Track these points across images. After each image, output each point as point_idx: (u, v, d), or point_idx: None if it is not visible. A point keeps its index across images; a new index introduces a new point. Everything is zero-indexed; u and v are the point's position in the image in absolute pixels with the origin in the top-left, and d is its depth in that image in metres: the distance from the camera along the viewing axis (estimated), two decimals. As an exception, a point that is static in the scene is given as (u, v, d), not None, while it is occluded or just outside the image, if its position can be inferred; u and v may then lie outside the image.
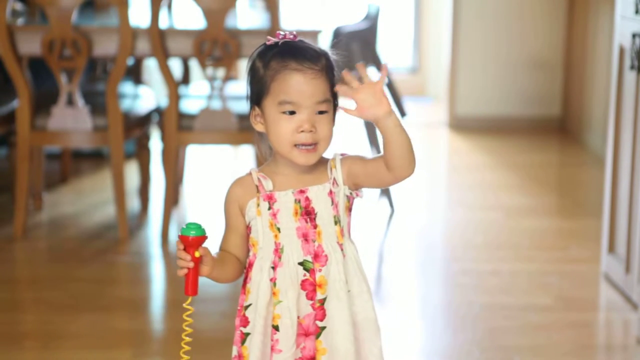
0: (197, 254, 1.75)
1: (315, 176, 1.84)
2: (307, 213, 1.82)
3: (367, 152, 4.81)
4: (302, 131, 1.77)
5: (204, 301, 3.37)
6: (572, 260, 3.90)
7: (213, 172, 5.38)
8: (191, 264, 1.75)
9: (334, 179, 1.83)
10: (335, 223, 1.83)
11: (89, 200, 4.73)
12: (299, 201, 1.82)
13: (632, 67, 3.36)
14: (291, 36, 1.82)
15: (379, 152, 4.70)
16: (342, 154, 1.86)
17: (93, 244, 4.07)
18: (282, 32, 1.83)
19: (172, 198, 4.11)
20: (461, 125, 6.51)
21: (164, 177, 4.08)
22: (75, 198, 4.78)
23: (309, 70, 1.77)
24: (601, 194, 3.99)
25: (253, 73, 1.82)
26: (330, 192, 1.83)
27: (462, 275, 3.73)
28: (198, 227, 1.74)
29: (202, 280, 1.81)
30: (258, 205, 1.82)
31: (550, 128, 6.46)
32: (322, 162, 1.85)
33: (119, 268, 3.84)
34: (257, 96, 1.81)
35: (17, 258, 3.97)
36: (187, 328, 1.81)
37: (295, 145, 1.78)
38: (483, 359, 2.97)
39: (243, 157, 5.64)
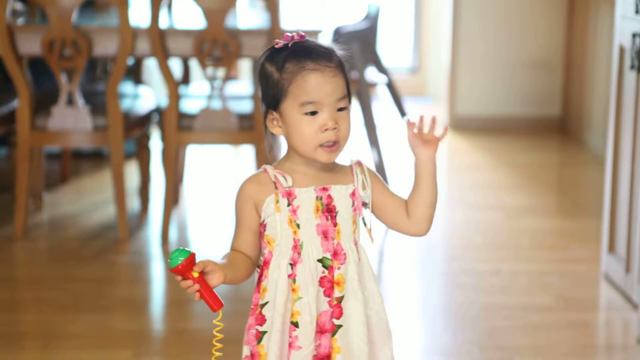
0: (195, 275, 1.73)
1: (335, 176, 1.84)
2: (329, 211, 1.82)
3: (370, 153, 4.80)
4: (326, 130, 1.76)
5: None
6: (572, 260, 3.90)
7: (213, 172, 5.38)
8: (197, 287, 1.74)
9: (362, 182, 1.84)
10: (354, 225, 1.84)
11: (89, 200, 4.73)
12: (321, 198, 1.81)
13: (632, 67, 3.36)
14: (299, 37, 1.81)
15: (379, 153, 4.70)
16: (363, 163, 1.87)
17: (93, 244, 4.07)
18: (289, 34, 1.81)
19: (172, 198, 4.11)
20: (461, 125, 6.52)
21: (164, 177, 4.08)
22: (76, 198, 4.78)
23: (326, 69, 1.77)
24: (601, 194, 3.99)
25: (266, 78, 1.80)
26: (353, 194, 1.84)
27: (462, 275, 3.73)
28: (180, 251, 1.72)
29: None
30: (277, 201, 1.80)
31: (550, 128, 6.46)
32: (339, 165, 1.86)
33: (119, 268, 3.84)
34: (274, 100, 1.80)
35: (17, 258, 3.97)
36: (216, 343, 1.81)
37: (320, 145, 1.77)
38: (483, 358, 2.97)
39: (243, 156, 5.64)
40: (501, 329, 3.20)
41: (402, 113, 6.42)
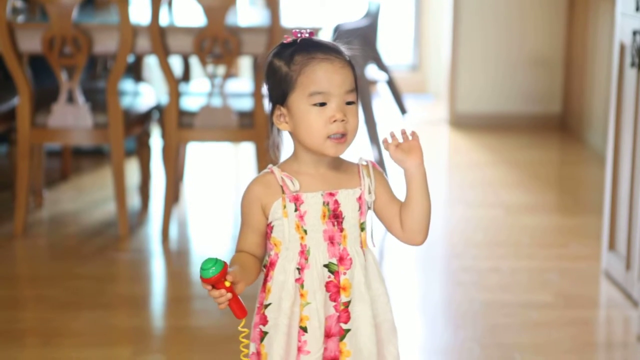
0: (227, 284, 1.71)
1: (342, 177, 1.83)
2: (335, 216, 1.81)
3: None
4: (334, 121, 1.76)
5: (205, 298, 3.37)
6: (573, 258, 3.91)
7: (213, 169, 5.38)
8: (230, 296, 1.72)
9: (368, 187, 1.83)
10: (361, 229, 1.84)
11: (90, 198, 4.73)
12: (328, 204, 1.81)
13: (632, 65, 3.36)
14: (307, 34, 1.81)
15: (379, 150, 4.71)
16: (370, 162, 1.86)
17: (93, 242, 4.07)
18: (298, 31, 1.82)
19: (173, 195, 4.11)
20: (461, 122, 6.52)
21: (165, 175, 4.08)
22: (76, 195, 4.78)
23: (336, 60, 1.77)
24: (601, 191, 3.99)
25: (274, 73, 1.80)
26: (360, 198, 1.83)
27: (463, 272, 3.73)
28: (214, 261, 1.69)
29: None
30: (284, 206, 1.79)
31: (550, 125, 6.46)
32: (347, 164, 1.85)
33: (120, 265, 3.84)
34: (282, 95, 1.79)
35: (17, 255, 3.97)
36: (244, 349, 1.80)
37: (328, 137, 1.77)
38: (483, 356, 2.97)
39: (243, 154, 5.64)
40: (501, 327, 3.20)
41: (403, 110, 6.42)
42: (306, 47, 1.78)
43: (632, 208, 3.39)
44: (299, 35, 1.81)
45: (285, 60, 1.78)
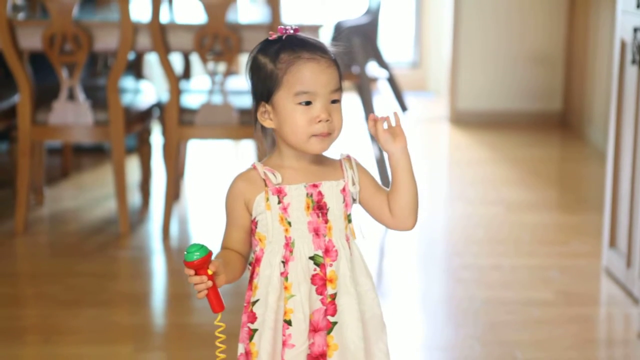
0: (210, 272, 1.72)
1: (325, 171, 1.84)
2: (319, 208, 1.81)
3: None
4: (319, 121, 1.76)
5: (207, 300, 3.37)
6: (573, 255, 3.91)
7: (214, 166, 5.38)
8: (210, 284, 1.73)
9: (352, 177, 1.84)
10: (347, 220, 1.84)
11: (90, 195, 4.73)
12: (311, 195, 1.81)
13: (633, 62, 3.35)
14: (292, 31, 1.81)
15: (379, 147, 4.70)
16: (351, 157, 1.87)
17: (94, 239, 4.07)
18: (284, 27, 1.82)
19: (173, 193, 4.11)
20: (462, 119, 6.51)
21: (165, 172, 4.08)
22: (76, 193, 4.78)
23: (322, 59, 1.77)
24: (602, 188, 3.99)
25: (258, 70, 1.80)
26: (344, 190, 1.83)
27: (463, 269, 3.73)
28: (199, 247, 1.70)
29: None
30: (267, 199, 1.80)
31: (551, 123, 6.46)
32: (329, 159, 1.86)
33: (120, 263, 3.84)
34: (266, 92, 1.79)
35: (18, 253, 3.98)
36: (220, 344, 1.80)
37: (313, 135, 1.77)
38: (484, 353, 2.97)
39: (244, 151, 5.64)
40: (502, 324, 3.20)
41: (403, 107, 6.42)
42: (292, 45, 1.77)
43: (632, 205, 3.39)
44: (284, 31, 1.80)
45: (271, 57, 1.78)
